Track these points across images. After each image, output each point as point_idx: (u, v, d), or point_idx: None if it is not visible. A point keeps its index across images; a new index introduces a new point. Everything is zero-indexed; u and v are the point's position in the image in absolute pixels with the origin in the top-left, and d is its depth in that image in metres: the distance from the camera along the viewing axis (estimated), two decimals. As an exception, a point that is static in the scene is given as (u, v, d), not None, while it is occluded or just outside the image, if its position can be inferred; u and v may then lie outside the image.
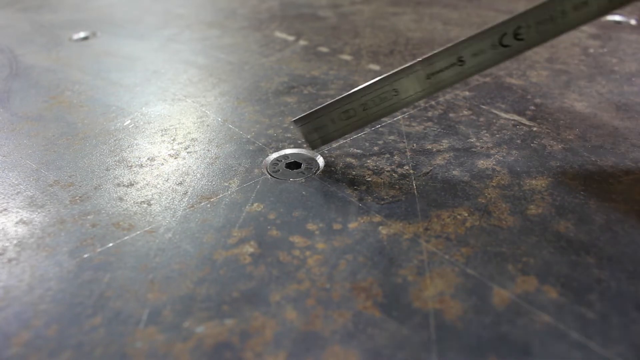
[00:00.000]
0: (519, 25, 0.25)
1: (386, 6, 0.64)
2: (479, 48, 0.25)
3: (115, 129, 0.34)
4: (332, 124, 0.27)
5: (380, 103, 0.27)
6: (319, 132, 0.28)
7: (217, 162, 0.29)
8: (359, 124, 0.27)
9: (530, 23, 0.24)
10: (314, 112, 0.27)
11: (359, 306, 0.19)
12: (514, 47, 0.25)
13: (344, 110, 0.27)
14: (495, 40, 0.25)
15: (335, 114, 0.27)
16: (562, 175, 0.27)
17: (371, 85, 0.26)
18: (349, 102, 0.27)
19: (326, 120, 0.27)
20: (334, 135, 0.28)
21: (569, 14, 0.24)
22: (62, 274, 0.21)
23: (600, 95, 0.36)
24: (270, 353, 0.17)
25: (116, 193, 0.27)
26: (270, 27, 0.57)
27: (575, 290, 0.19)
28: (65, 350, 0.18)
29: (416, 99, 0.27)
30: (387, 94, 0.26)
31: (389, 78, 0.26)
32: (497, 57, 0.25)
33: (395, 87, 0.26)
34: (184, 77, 0.42)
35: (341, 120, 0.27)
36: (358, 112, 0.27)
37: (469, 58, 0.25)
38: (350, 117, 0.27)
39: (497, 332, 0.18)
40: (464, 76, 0.26)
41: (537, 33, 0.25)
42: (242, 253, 0.22)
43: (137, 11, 0.65)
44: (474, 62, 0.25)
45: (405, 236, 0.23)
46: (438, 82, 0.26)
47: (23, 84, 0.42)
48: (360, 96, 0.27)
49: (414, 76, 0.26)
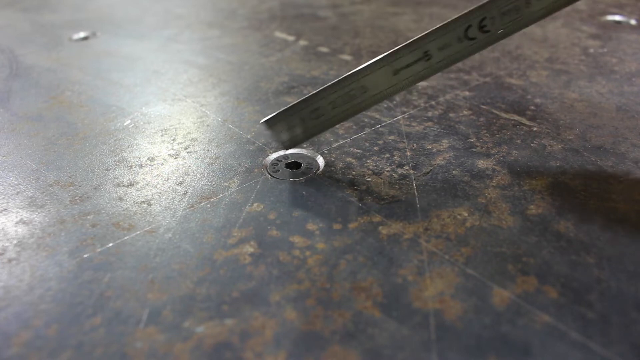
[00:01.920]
0: (483, 16, 0.24)
1: (386, 6, 0.64)
2: (445, 42, 0.25)
3: (115, 129, 0.34)
4: (302, 124, 0.27)
5: (349, 101, 0.26)
6: (289, 132, 0.27)
7: (217, 162, 0.29)
8: (329, 124, 0.27)
9: (495, 14, 0.24)
10: (283, 112, 0.27)
11: (359, 306, 0.19)
12: (481, 39, 0.25)
13: (312, 109, 0.26)
14: (460, 32, 0.24)
15: (304, 113, 0.27)
16: (562, 175, 0.27)
17: (338, 83, 0.26)
18: (316, 101, 0.26)
19: (296, 119, 0.27)
20: (305, 135, 0.27)
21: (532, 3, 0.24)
22: (62, 274, 0.21)
23: (600, 95, 0.36)
24: (270, 353, 0.17)
25: (116, 193, 0.27)
26: (270, 27, 0.57)
27: (575, 290, 0.19)
28: (65, 350, 0.18)
29: (386, 95, 0.26)
30: (355, 92, 0.26)
31: (355, 75, 0.25)
32: (464, 50, 0.25)
33: (362, 83, 0.26)
34: (184, 77, 0.42)
35: (311, 120, 0.27)
36: (327, 111, 0.26)
37: (435, 52, 0.25)
38: (320, 116, 0.27)
39: (497, 332, 0.18)
40: (432, 71, 0.25)
41: (502, 24, 0.24)
42: (242, 253, 0.22)
43: (137, 11, 0.65)
44: (441, 56, 0.25)
45: (405, 236, 0.23)
46: (406, 77, 0.25)
47: (23, 84, 0.42)
48: (328, 94, 0.26)
49: (380, 72, 0.25)
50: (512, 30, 0.25)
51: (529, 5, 0.24)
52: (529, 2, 0.24)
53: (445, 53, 0.25)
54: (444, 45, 0.25)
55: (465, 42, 0.25)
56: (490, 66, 0.42)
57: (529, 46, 0.47)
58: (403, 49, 0.25)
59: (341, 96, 0.26)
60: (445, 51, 0.25)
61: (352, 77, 0.26)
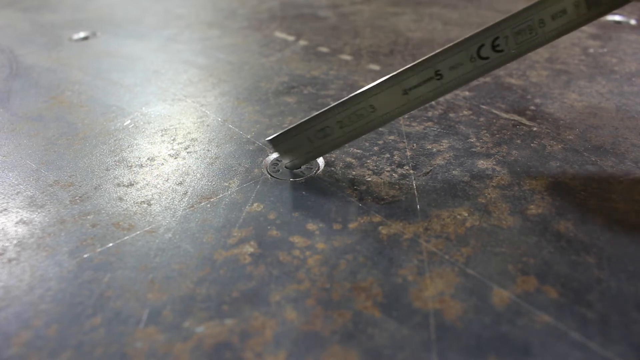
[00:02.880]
0: (497, 35, 0.24)
1: (386, 6, 0.64)
2: (457, 61, 0.24)
3: (115, 129, 0.34)
4: (309, 143, 0.26)
5: (357, 120, 0.25)
6: (296, 151, 0.26)
7: (217, 162, 0.29)
8: (337, 143, 0.26)
9: (508, 33, 0.24)
10: (289, 131, 0.26)
11: (359, 306, 0.19)
12: (493, 59, 0.24)
13: (319, 128, 0.26)
14: (473, 52, 0.24)
15: (311, 133, 0.26)
16: (562, 175, 0.27)
17: (346, 102, 0.25)
18: (324, 120, 0.25)
19: (302, 139, 0.26)
20: (312, 155, 0.27)
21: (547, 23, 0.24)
22: (62, 274, 0.21)
23: (600, 95, 0.36)
24: (270, 353, 0.17)
25: (116, 193, 0.27)
26: (270, 27, 0.57)
27: (575, 290, 0.19)
28: (65, 350, 0.18)
29: (395, 115, 0.25)
30: (364, 111, 0.25)
31: (364, 94, 0.25)
32: (476, 70, 0.24)
33: (371, 103, 0.25)
34: (184, 77, 0.42)
35: (318, 139, 0.26)
36: (335, 130, 0.26)
37: (446, 72, 0.24)
38: (327, 136, 0.26)
39: (497, 332, 0.18)
40: (443, 91, 0.25)
41: (516, 44, 0.24)
42: (242, 253, 0.22)
43: (137, 11, 0.65)
44: (452, 76, 0.24)
45: (405, 236, 0.23)
46: (416, 97, 0.25)
47: (23, 84, 0.42)
48: (335, 113, 0.25)
49: (389, 91, 0.25)
50: (525, 50, 0.24)
51: (543, 25, 0.24)
52: (543, 22, 0.24)
53: (456, 73, 0.24)
54: (455, 64, 0.24)
55: (477, 62, 0.24)
56: (490, 66, 0.42)
57: (529, 46, 0.47)
58: (414, 67, 0.24)
59: (349, 115, 0.25)
60: (456, 71, 0.24)
61: (360, 96, 0.25)
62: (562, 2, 0.23)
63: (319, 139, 0.26)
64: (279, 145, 0.26)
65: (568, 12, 0.23)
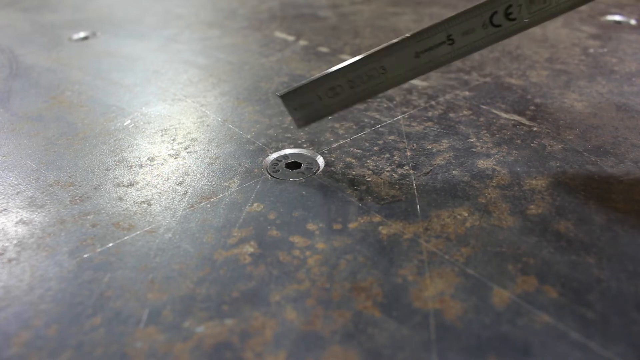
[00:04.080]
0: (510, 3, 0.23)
1: (386, 6, 0.64)
2: (469, 26, 0.24)
3: (115, 129, 0.34)
4: (319, 101, 0.26)
5: (367, 81, 0.25)
6: (305, 109, 0.27)
7: (217, 162, 0.29)
8: (346, 103, 0.26)
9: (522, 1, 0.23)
10: (300, 87, 0.26)
11: (359, 306, 0.19)
12: (506, 27, 0.24)
13: (330, 86, 0.26)
14: (486, 18, 0.24)
15: (321, 90, 0.26)
16: (562, 175, 0.27)
17: (358, 62, 0.25)
18: (335, 78, 0.26)
19: (312, 96, 0.26)
20: (320, 113, 0.27)
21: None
22: (62, 274, 0.21)
23: (600, 95, 0.36)
24: (270, 353, 0.17)
25: (116, 193, 0.27)
26: (270, 27, 0.57)
27: (575, 290, 0.19)
28: (65, 350, 0.18)
29: (405, 78, 0.25)
30: (375, 72, 0.25)
31: (376, 54, 0.25)
32: (488, 37, 0.24)
33: (382, 64, 0.25)
34: (184, 77, 0.42)
35: (328, 98, 0.26)
36: (345, 90, 0.26)
37: (459, 37, 0.24)
38: (337, 95, 0.26)
39: (497, 332, 0.18)
40: (454, 56, 0.25)
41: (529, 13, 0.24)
42: (242, 253, 0.22)
43: (137, 11, 0.65)
44: (464, 42, 0.24)
45: (405, 236, 0.23)
46: (428, 61, 0.25)
47: (23, 84, 0.42)
48: (346, 72, 0.25)
49: (401, 53, 0.25)
50: (538, 20, 0.24)
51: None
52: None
53: (468, 39, 0.24)
54: (468, 30, 0.24)
55: (489, 29, 0.24)
56: (490, 66, 0.42)
57: (529, 46, 0.47)
58: (427, 30, 0.24)
59: (360, 75, 0.25)
60: (468, 37, 0.24)
61: (372, 57, 0.25)
62: None
63: (329, 97, 0.26)
64: (289, 101, 0.26)
65: None
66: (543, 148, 0.29)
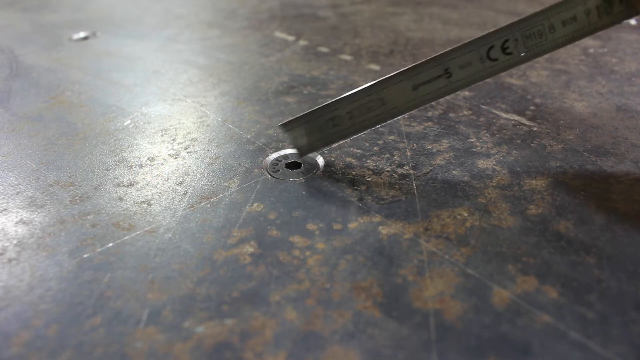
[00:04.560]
0: (506, 37, 0.24)
1: (386, 6, 0.64)
2: (466, 60, 0.25)
3: (115, 129, 0.34)
4: (319, 132, 0.27)
5: (366, 112, 0.26)
6: (306, 138, 0.27)
7: (217, 162, 0.29)
8: (346, 133, 0.27)
9: (518, 36, 0.24)
10: (301, 117, 0.27)
11: (359, 306, 0.19)
12: (502, 61, 0.25)
13: (329, 117, 0.26)
14: (482, 52, 0.24)
15: (321, 121, 0.26)
16: (562, 175, 0.27)
17: (357, 93, 0.26)
18: (335, 109, 0.26)
19: (313, 127, 0.27)
20: (321, 143, 0.27)
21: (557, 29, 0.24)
22: (62, 274, 0.21)
23: (600, 95, 0.36)
24: (270, 353, 0.17)
25: (116, 193, 0.27)
26: (270, 27, 0.57)
27: (575, 290, 0.19)
28: (66, 350, 0.18)
29: (403, 110, 0.26)
30: (373, 104, 0.26)
31: (375, 86, 0.25)
32: (485, 70, 0.25)
33: (381, 96, 0.26)
34: (184, 77, 0.42)
35: (327, 128, 0.26)
36: (344, 121, 0.26)
37: (456, 70, 0.25)
38: (337, 125, 0.26)
39: (497, 332, 0.18)
40: (451, 89, 0.25)
41: (525, 48, 0.24)
42: (242, 253, 0.22)
43: (137, 11, 0.65)
44: (461, 75, 0.25)
45: (405, 236, 0.23)
46: (425, 94, 0.25)
47: (23, 84, 0.42)
48: (346, 104, 0.26)
49: (399, 86, 0.25)
50: (533, 55, 0.25)
51: (553, 31, 0.24)
52: (554, 28, 0.24)
53: (465, 72, 0.25)
54: (465, 63, 0.25)
55: (486, 63, 0.25)
56: (490, 66, 0.42)
57: (529, 46, 0.47)
58: (424, 64, 0.25)
59: (359, 107, 0.26)
60: (466, 70, 0.25)
61: (371, 89, 0.25)
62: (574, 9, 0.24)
63: (329, 128, 0.27)
64: (289, 130, 0.27)
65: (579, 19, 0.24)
66: (543, 148, 0.29)
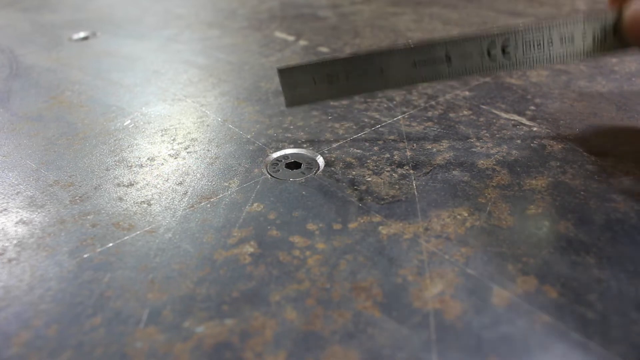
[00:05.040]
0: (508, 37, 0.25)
1: (386, 6, 0.64)
2: (467, 50, 0.25)
3: (115, 129, 0.34)
4: (313, 84, 0.27)
5: (363, 75, 0.26)
6: (299, 88, 0.27)
7: (217, 162, 0.29)
8: (339, 92, 0.27)
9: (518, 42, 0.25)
10: (298, 66, 0.27)
11: (359, 306, 0.19)
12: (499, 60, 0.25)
13: (327, 72, 0.26)
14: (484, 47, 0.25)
15: (319, 74, 0.27)
16: (562, 175, 0.27)
17: (358, 57, 0.26)
18: (333, 65, 0.26)
19: (309, 77, 0.27)
20: (312, 96, 0.27)
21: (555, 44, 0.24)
22: (62, 274, 0.21)
23: (600, 95, 0.36)
24: (270, 353, 0.17)
25: (116, 193, 0.27)
26: (270, 27, 0.57)
27: (575, 290, 0.19)
28: (65, 350, 0.18)
29: (398, 83, 0.26)
30: (372, 69, 0.26)
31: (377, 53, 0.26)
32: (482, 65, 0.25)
33: (381, 64, 0.26)
34: (184, 77, 0.42)
35: (323, 83, 0.27)
36: (341, 79, 0.26)
37: (456, 58, 0.25)
38: (332, 82, 0.27)
39: (497, 332, 0.18)
40: (447, 75, 0.26)
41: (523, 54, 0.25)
42: (242, 253, 0.22)
43: (137, 11, 0.65)
44: (460, 64, 0.25)
45: (405, 236, 0.23)
46: (423, 74, 0.26)
47: (23, 84, 0.42)
48: (345, 63, 0.26)
49: (400, 58, 0.26)
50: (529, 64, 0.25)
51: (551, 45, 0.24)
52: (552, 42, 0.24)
53: (464, 62, 0.25)
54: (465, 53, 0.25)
55: (485, 59, 0.25)
56: (490, 66, 0.42)
57: (529, 46, 0.47)
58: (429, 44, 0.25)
59: (357, 69, 0.26)
60: (465, 60, 0.25)
61: (372, 55, 0.26)
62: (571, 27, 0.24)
63: (324, 82, 0.27)
64: (285, 77, 0.27)
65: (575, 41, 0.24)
66: (543, 148, 0.29)
